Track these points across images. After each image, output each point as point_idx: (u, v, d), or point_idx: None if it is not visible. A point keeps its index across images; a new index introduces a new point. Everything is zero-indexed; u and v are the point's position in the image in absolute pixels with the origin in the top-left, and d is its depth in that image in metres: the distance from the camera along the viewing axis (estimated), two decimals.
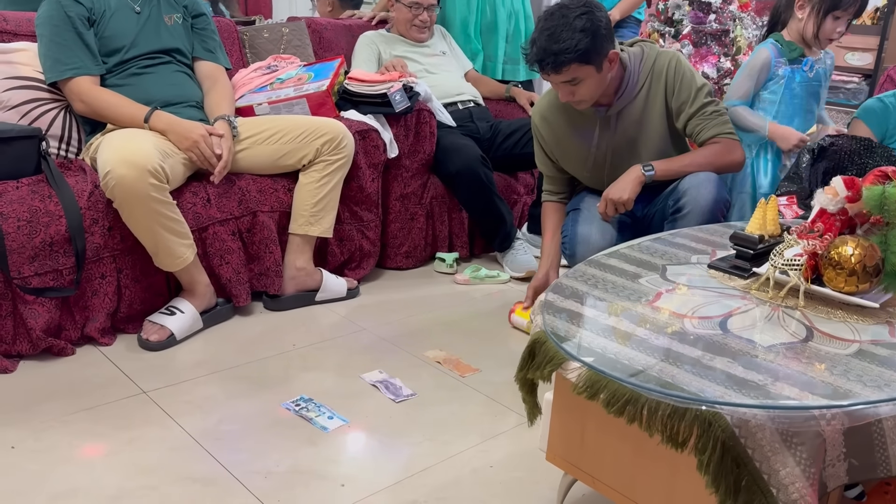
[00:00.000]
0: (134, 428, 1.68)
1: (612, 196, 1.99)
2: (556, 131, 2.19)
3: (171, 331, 2.07)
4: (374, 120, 2.57)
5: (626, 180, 2.00)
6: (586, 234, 2.07)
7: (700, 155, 2.05)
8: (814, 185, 2.07)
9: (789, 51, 2.37)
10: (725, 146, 2.04)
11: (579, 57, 1.89)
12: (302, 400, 1.82)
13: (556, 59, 1.90)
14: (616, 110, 2.08)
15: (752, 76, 2.39)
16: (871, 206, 1.37)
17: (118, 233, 2.03)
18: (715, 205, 1.93)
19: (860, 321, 1.30)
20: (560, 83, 1.97)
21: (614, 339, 1.21)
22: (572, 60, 1.89)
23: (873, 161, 2.06)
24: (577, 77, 1.94)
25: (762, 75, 2.38)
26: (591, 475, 1.31)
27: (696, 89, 2.06)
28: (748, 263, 1.50)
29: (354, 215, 2.54)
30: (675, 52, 2.12)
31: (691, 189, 1.96)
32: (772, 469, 1.00)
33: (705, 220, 1.92)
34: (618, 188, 1.99)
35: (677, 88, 2.06)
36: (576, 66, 1.91)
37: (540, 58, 1.92)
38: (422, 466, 1.60)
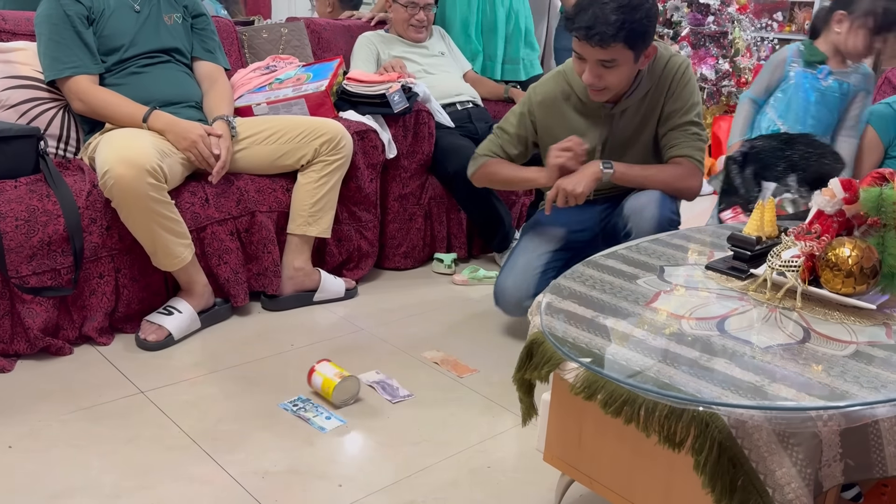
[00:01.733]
0: (131, 427, 1.68)
1: (566, 186, 1.93)
2: (552, 118, 2.11)
3: (169, 330, 2.07)
4: (372, 120, 2.57)
5: (583, 174, 1.95)
6: (502, 285, 2.14)
7: (663, 172, 2.01)
8: (749, 190, 2.06)
9: (809, 54, 2.35)
10: (688, 170, 2.02)
11: (630, 37, 1.80)
12: (300, 400, 1.82)
13: (607, 32, 1.78)
14: (621, 109, 2.04)
15: (768, 72, 2.41)
16: (869, 208, 1.37)
17: (116, 232, 2.03)
18: (658, 227, 1.91)
19: (857, 322, 1.30)
20: (595, 60, 1.86)
21: (612, 340, 1.21)
22: (623, 39, 1.80)
23: (796, 151, 2.04)
24: (615, 59, 1.84)
25: (776, 73, 2.39)
26: (588, 476, 1.31)
27: (693, 103, 2.03)
28: (746, 265, 1.50)
29: (353, 215, 2.55)
30: (687, 58, 2.06)
31: (634, 214, 1.96)
32: (768, 469, 1.00)
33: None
34: (573, 180, 1.93)
35: (676, 94, 2.02)
36: (622, 46, 1.81)
37: (590, 24, 1.79)
38: (419, 467, 1.60)
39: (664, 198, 1.97)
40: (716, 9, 5.16)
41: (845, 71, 2.36)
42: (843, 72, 2.36)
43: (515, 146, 2.17)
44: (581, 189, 1.93)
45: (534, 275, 2.10)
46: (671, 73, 2.02)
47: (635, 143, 2.08)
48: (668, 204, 1.96)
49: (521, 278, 2.10)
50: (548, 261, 2.12)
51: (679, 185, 2.02)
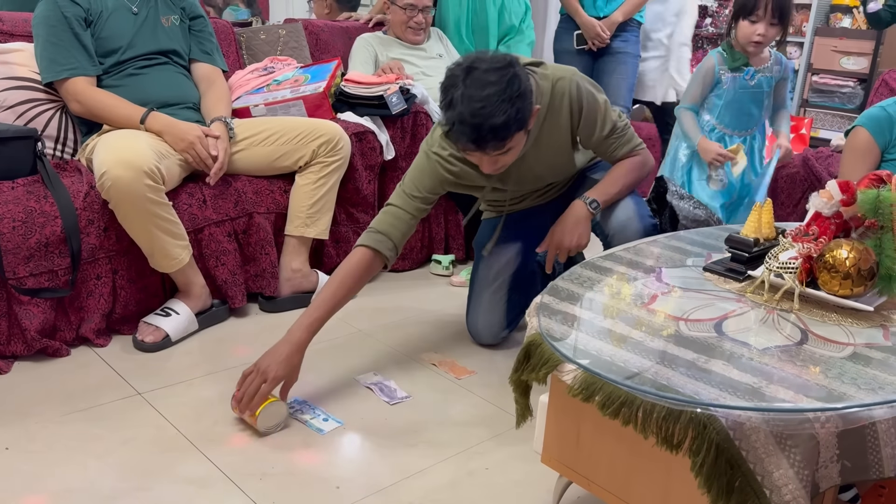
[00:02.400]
0: (129, 429, 1.68)
1: (567, 244, 1.90)
2: (455, 174, 1.92)
3: (167, 332, 2.06)
4: (370, 122, 2.57)
5: (577, 224, 1.89)
6: (473, 325, 2.16)
7: (629, 177, 1.97)
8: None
9: (732, 60, 2.59)
10: (641, 159, 1.99)
11: (521, 124, 1.64)
12: (296, 402, 1.82)
13: (499, 135, 1.61)
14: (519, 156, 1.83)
15: (698, 82, 2.64)
16: (866, 210, 1.38)
17: (114, 233, 2.02)
18: (644, 235, 1.91)
19: (855, 324, 1.31)
20: (491, 155, 1.68)
21: (610, 342, 1.21)
22: (515, 130, 1.63)
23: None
24: (512, 146, 1.68)
25: (707, 80, 2.63)
26: (586, 477, 1.31)
27: (603, 114, 1.90)
28: (743, 266, 1.50)
29: (351, 217, 2.54)
30: (571, 74, 1.85)
31: (618, 234, 1.95)
32: (765, 471, 1.00)
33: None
34: (571, 236, 1.88)
35: (583, 118, 1.88)
36: (518, 135, 1.66)
37: (476, 137, 1.60)
38: (417, 469, 1.60)
39: (639, 207, 1.97)
40: (713, 11, 5.17)
41: (766, 66, 2.63)
42: (764, 67, 2.62)
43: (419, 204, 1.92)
44: (585, 240, 1.92)
45: (501, 306, 2.12)
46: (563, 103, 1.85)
47: (550, 167, 1.99)
48: (643, 213, 1.98)
49: (490, 316, 2.12)
50: (510, 286, 2.11)
51: (643, 173, 2.02)
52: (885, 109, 2.20)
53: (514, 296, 2.14)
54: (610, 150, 1.98)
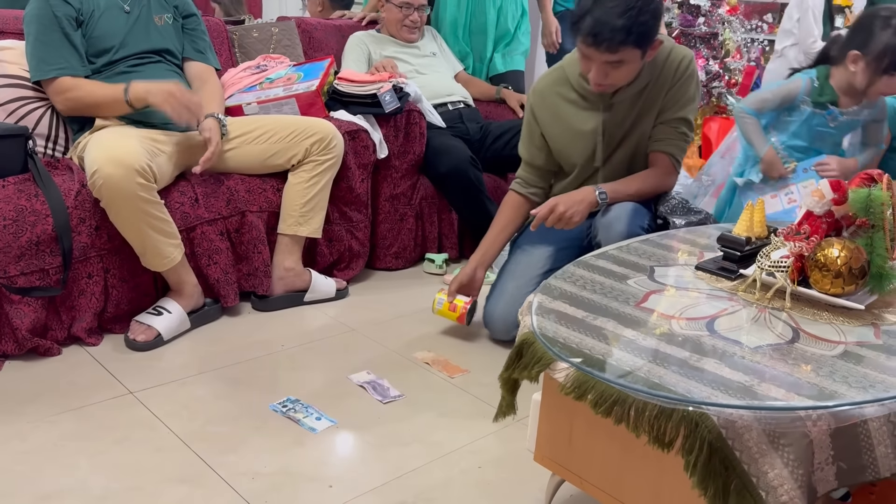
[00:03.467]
0: (120, 429, 1.67)
1: (563, 209, 1.93)
2: (553, 111, 2.10)
3: (159, 331, 2.06)
4: (363, 120, 2.56)
5: (581, 201, 1.95)
6: (491, 312, 2.14)
7: (647, 183, 2.03)
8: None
9: (818, 94, 2.40)
10: (665, 170, 2.05)
11: (638, 39, 1.79)
12: (289, 401, 1.82)
13: (615, 38, 1.77)
14: (620, 99, 2.02)
15: (776, 98, 2.46)
16: (857, 209, 1.38)
17: (105, 232, 2.02)
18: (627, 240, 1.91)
19: (846, 323, 1.31)
20: (603, 62, 1.85)
21: (602, 340, 1.21)
22: (633, 42, 1.79)
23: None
24: (624, 60, 1.83)
25: (785, 102, 2.45)
26: (578, 476, 1.31)
27: (689, 98, 2.04)
28: (735, 265, 1.51)
29: (344, 216, 2.54)
30: (690, 52, 2.04)
31: (602, 229, 1.96)
32: (760, 471, 1.00)
33: None
34: (571, 206, 1.94)
35: (676, 87, 2.01)
36: (630, 49, 1.81)
37: (597, 30, 1.77)
38: (410, 467, 1.60)
39: (636, 212, 1.96)
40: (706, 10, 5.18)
41: (856, 109, 2.40)
42: (853, 110, 2.40)
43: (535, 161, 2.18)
44: (577, 218, 1.95)
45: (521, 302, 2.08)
46: (673, 66, 2.00)
47: (631, 135, 2.07)
48: (637, 219, 1.95)
49: (511, 306, 2.10)
50: (535, 285, 2.10)
51: (661, 186, 2.06)
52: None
53: None
54: (658, 135, 2.03)
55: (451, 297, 2.18)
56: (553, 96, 2.11)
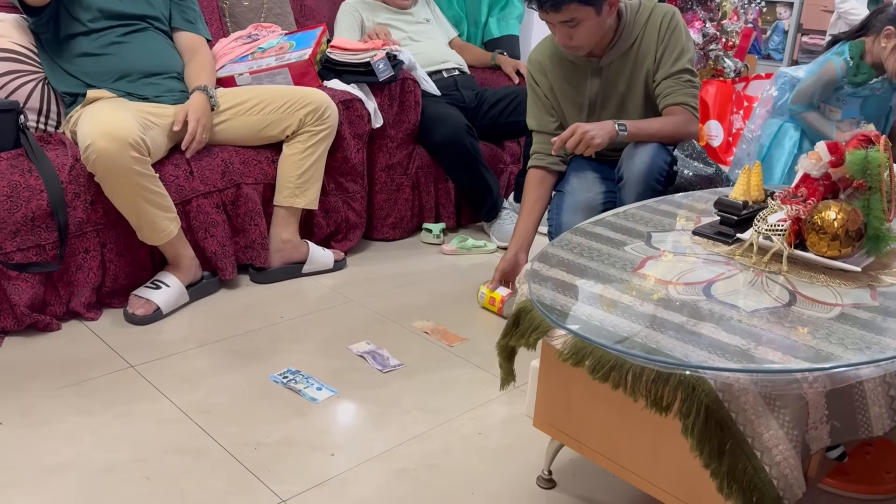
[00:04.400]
0: (122, 402, 1.68)
1: (586, 129, 1.93)
2: (551, 79, 2.16)
3: (157, 305, 2.06)
4: (357, 89, 2.54)
5: (602, 127, 1.97)
6: (570, 223, 2.04)
7: (667, 125, 2.04)
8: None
9: (854, 75, 2.45)
10: (686, 118, 2.05)
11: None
12: (289, 372, 1.83)
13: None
14: (608, 61, 2.06)
15: (818, 87, 2.53)
16: (854, 171, 1.38)
17: (101, 207, 2.01)
18: (648, 174, 1.94)
19: (843, 285, 1.32)
20: (558, 24, 1.93)
21: (599, 307, 1.21)
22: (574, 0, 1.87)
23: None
24: (575, 18, 1.90)
25: (828, 88, 2.52)
26: (577, 440, 1.33)
27: (683, 49, 2.06)
28: (732, 229, 1.50)
29: (340, 186, 2.53)
30: (674, 7, 2.09)
31: (626, 160, 1.99)
32: (755, 432, 1.01)
33: (641, 189, 1.94)
34: (593, 129, 1.94)
35: (666, 41, 2.04)
36: (575, 5, 1.88)
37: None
38: (411, 435, 1.61)
39: (659, 149, 1.99)
40: None
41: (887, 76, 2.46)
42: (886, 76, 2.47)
43: (538, 118, 2.21)
44: (598, 140, 1.94)
45: (597, 210, 2.06)
46: (657, 23, 2.05)
47: (628, 98, 2.10)
48: (661, 154, 1.98)
49: (588, 214, 2.04)
50: (604, 200, 2.09)
51: (682, 132, 2.05)
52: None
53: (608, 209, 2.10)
54: (666, 90, 2.04)
55: (493, 286, 2.20)
56: (547, 65, 2.16)
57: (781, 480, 0.99)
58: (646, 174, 1.95)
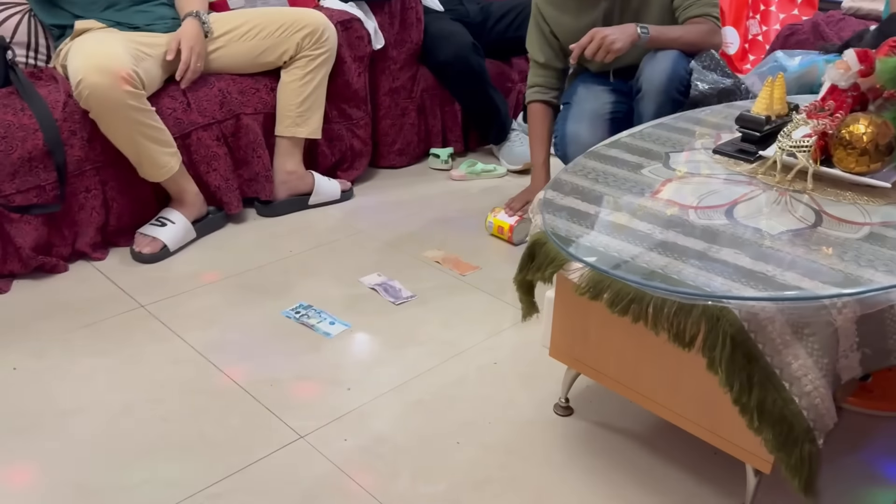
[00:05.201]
0: (135, 343, 1.67)
1: (605, 34, 1.85)
2: (561, 9, 2.07)
3: (164, 242, 2.03)
4: (355, 8, 2.42)
5: (623, 31, 1.88)
6: (575, 132, 1.99)
7: (690, 32, 1.96)
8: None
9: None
10: (710, 28, 1.97)
11: None
12: (301, 307, 1.81)
13: None
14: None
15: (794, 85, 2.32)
16: (885, 80, 1.30)
17: (98, 144, 1.95)
18: (669, 83, 1.86)
19: (871, 202, 1.26)
20: None
21: (617, 237, 1.16)
22: None
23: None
24: None
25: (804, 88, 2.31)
26: (595, 369, 1.31)
27: None
28: (754, 146, 1.44)
29: (342, 113, 2.45)
30: None
31: (646, 69, 1.91)
32: (784, 362, 0.98)
33: (661, 100, 1.87)
34: (613, 33, 1.86)
35: None
36: None
37: None
38: (426, 367, 1.60)
39: (680, 57, 1.91)
40: None
41: None
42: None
43: (542, 52, 2.14)
44: (619, 45, 1.85)
45: (604, 120, 2.02)
46: None
47: (647, 10, 2.01)
48: (682, 62, 1.91)
49: (594, 123, 2.01)
50: (611, 109, 2.03)
51: (706, 42, 1.97)
52: None
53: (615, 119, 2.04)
54: (686, 2, 1.97)
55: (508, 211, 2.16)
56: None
57: (812, 411, 0.97)
58: (667, 83, 1.87)
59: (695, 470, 1.32)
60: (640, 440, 1.39)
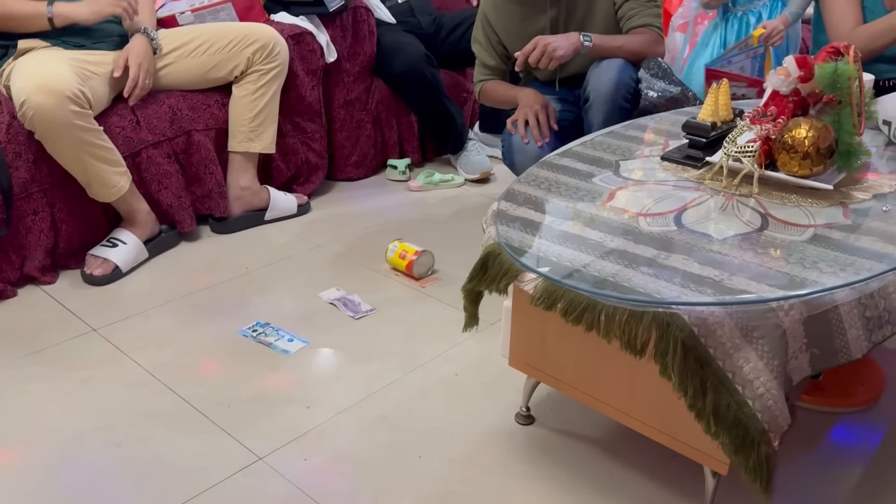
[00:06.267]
0: (87, 367, 1.63)
1: (546, 42, 1.88)
2: (506, 18, 2.11)
3: (116, 263, 1.99)
4: (307, 22, 2.41)
5: (566, 39, 1.92)
6: (521, 141, 2.00)
7: (633, 41, 2.00)
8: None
9: None
10: (653, 38, 2.02)
11: None
12: (259, 325, 1.78)
13: None
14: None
15: None
16: (824, 85, 1.33)
17: (45, 165, 1.91)
18: (615, 91, 1.90)
19: (815, 204, 1.29)
20: None
21: (569, 246, 1.17)
22: None
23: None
24: None
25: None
26: (553, 377, 1.31)
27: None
28: (701, 153, 1.46)
29: (297, 127, 2.43)
30: None
31: (592, 78, 1.95)
32: (735, 366, 0.99)
33: (608, 108, 1.90)
34: (555, 41, 1.90)
35: None
36: None
37: None
38: (387, 381, 1.59)
39: (625, 65, 1.95)
40: None
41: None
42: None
43: (490, 56, 2.18)
44: (561, 52, 1.89)
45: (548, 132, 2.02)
46: None
47: (592, 20, 2.05)
48: (628, 70, 1.95)
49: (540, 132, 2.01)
50: (558, 118, 2.03)
51: (647, 52, 2.01)
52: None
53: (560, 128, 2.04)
54: (630, 13, 2.01)
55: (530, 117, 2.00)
56: (501, 1, 2.11)
57: (765, 413, 0.98)
58: (613, 92, 1.90)
59: (655, 474, 1.33)
60: (601, 446, 1.40)
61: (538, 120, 1.98)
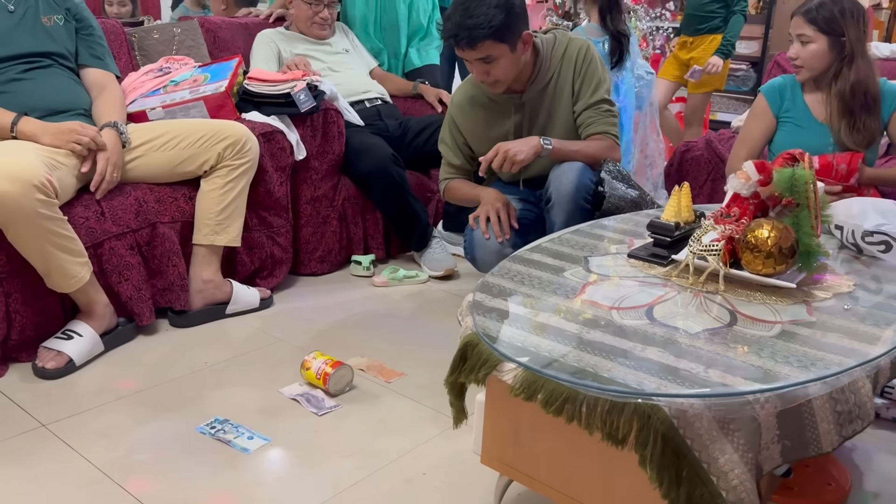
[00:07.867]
0: (35, 465, 1.54)
1: (508, 148, 1.96)
2: (472, 122, 2.20)
3: (70, 356, 1.91)
4: (278, 121, 2.46)
5: (527, 143, 2.00)
6: (482, 236, 2.04)
7: (590, 146, 2.10)
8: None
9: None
10: (609, 144, 2.12)
11: (493, 33, 1.92)
12: (217, 422, 1.72)
13: (470, 35, 1.92)
14: (529, 96, 2.13)
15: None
16: (782, 189, 1.40)
17: (3, 253, 1.86)
18: (576, 192, 1.97)
19: (779, 302, 1.33)
20: (475, 60, 1.98)
21: (546, 337, 1.18)
22: (486, 37, 1.92)
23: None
24: (490, 55, 1.96)
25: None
26: (527, 475, 1.28)
27: (599, 80, 2.13)
28: (666, 251, 1.51)
29: (263, 221, 2.44)
30: (588, 41, 2.19)
31: (554, 180, 2.03)
32: (711, 458, 0.99)
33: (570, 208, 1.97)
34: (516, 146, 1.97)
35: (584, 73, 2.12)
36: (490, 42, 1.93)
37: (454, 33, 1.94)
38: (352, 481, 1.54)
39: (585, 168, 2.03)
40: None
41: None
42: None
43: (456, 156, 2.26)
44: (522, 157, 1.96)
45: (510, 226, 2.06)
46: (573, 57, 2.13)
47: (555, 128, 2.14)
48: (587, 173, 2.02)
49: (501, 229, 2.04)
50: (518, 216, 2.08)
51: (603, 156, 2.10)
52: (782, 79, 2.31)
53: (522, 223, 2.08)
54: (588, 121, 2.11)
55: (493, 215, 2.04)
56: (468, 106, 2.21)
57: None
58: (574, 193, 1.97)
59: None
60: None
61: (499, 217, 2.04)
